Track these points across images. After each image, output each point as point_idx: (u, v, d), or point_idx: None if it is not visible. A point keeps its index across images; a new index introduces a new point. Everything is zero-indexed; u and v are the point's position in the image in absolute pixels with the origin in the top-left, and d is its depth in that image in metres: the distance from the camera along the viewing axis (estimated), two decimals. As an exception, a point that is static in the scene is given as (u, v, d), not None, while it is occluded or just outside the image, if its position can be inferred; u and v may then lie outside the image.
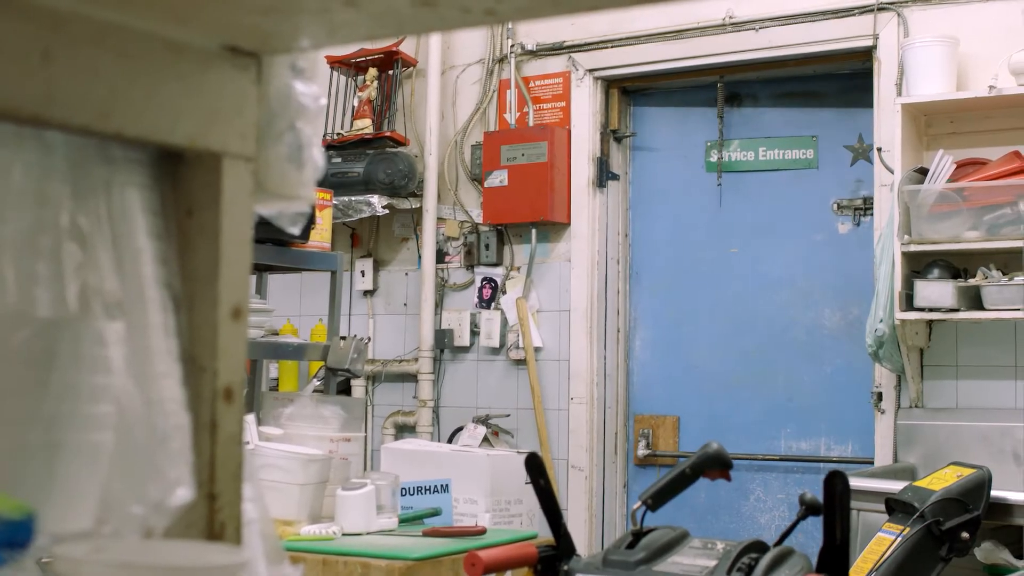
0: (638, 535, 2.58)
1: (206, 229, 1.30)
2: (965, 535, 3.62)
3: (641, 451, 6.58)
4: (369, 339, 6.90)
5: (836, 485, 2.31)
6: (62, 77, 1.13)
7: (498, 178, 6.55)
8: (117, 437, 1.18)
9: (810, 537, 3.13)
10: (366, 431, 6.62)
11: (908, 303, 5.18)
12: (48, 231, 1.17)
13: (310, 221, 4.89)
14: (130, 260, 1.23)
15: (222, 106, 1.29)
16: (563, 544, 2.71)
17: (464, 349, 6.81)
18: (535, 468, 2.73)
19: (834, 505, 2.32)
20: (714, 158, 6.49)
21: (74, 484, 1.15)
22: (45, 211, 1.17)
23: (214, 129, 1.29)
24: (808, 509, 2.47)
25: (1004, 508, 4.08)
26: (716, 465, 2.65)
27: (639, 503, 2.64)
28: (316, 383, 5.22)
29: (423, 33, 5.52)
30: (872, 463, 5.78)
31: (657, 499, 2.62)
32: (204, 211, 1.30)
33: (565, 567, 2.68)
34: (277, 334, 5.70)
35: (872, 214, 5.90)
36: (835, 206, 6.18)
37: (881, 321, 5.28)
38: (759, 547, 2.50)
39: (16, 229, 1.15)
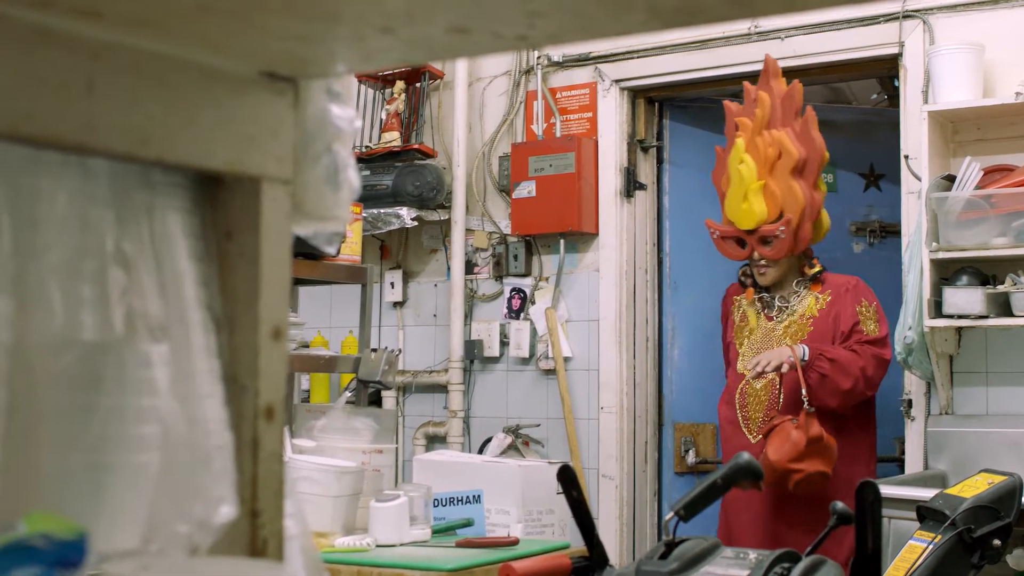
0: (671, 545, 2.60)
1: (246, 251, 1.32)
2: (997, 542, 3.62)
3: (691, 459, 6.65)
4: (400, 351, 6.94)
5: (867, 495, 2.32)
6: (104, 106, 1.16)
7: (526, 189, 6.57)
8: (162, 457, 1.21)
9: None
10: (397, 442, 6.65)
11: (937, 310, 5.18)
12: (93, 256, 1.20)
13: (340, 235, 4.93)
14: (173, 283, 1.26)
15: (260, 130, 1.32)
16: (596, 555, 2.73)
17: (494, 359, 6.84)
18: (568, 480, 2.76)
19: (865, 514, 2.33)
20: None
21: (121, 504, 1.18)
22: (90, 236, 1.20)
23: (252, 153, 1.31)
24: (839, 519, 2.48)
25: (1036, 514, 4.07)
26: (747, 476, 2.67)
27: (671, 513, 2.66)
28: (348, 395, 5.25)
29: (455, 58, 5.54)
30: (894, 460, 5.93)
31: (689, 510, 2.63)
32: (244, 233, 1.32)
33: (598, 578, 2.70)
34: (308, 346, 5.73)
35: (893, 233, 6.17)
36: (852, 227, 6.65)
37: (910, 329, 5.28)
38: (791, 557, 2.52)
39: (62, 255, 1.18)
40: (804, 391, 5.21)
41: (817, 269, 5.56)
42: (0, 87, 1.07)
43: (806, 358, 5.25)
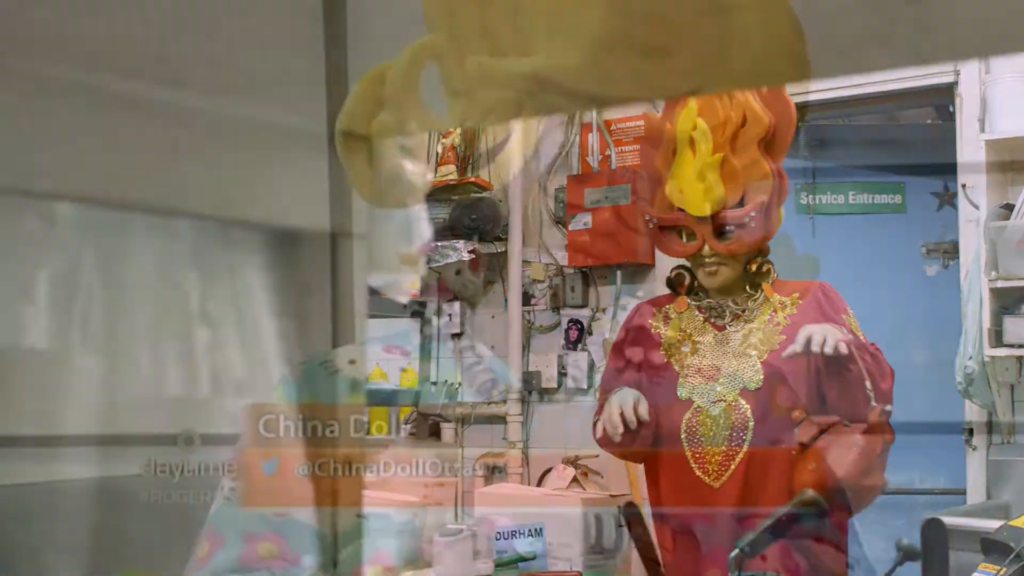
0: (735, 582, 2.61)
1: (322, 305, 1.35)
2: (1062, 574, 3.60)
3: None
4: (460, 383, 6.96)
5: (933, 532, 2.33)
6: (190, 170, 1.19)
7: (582, 221, 6.59)
8: (247, 510, 1.24)
9: None
10: (458, 475, 6.67)
11: (998, 339, 5.16)
12: (178, 315, 1.23)
13: (400, 270, 4.96)
14: (254, 338, 1.29)
15: (335, 188, 1.35)
16: (661, 592, 2.75)
17: (552, 391, 6.84)
18: (633, 517, 2.77)
19: (932, 551, 2.34)
20: (805, 200, 6.64)
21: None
22: (175, 296, 1.24)
23: (328, 210, 1.34)
24: (905, 555, 2.49)
25: (1101, 545, 4.05)
26: (813, 512, 2.68)
27: (737, 550, 2.67)
28: (408, 427, 5.28)
29: (529, 118, 5.55)
30: (963, 493, 5.83)
31: (754, 547, 2.64)
32: (321, 288, 1.36)
33: (664, 614, 2.71)
34: (368, 380, 5.76)
35: (958, 257, 6.05)
36: (924, 249, 6.49)
37: (970, 358, 5.26)
38: (856, 593, 2.52)
39: (149, 314, 1.21)
40: (869, 384, 3.92)
41: (767, 266, 4.36)
42: (92, 155, 1.11)
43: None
